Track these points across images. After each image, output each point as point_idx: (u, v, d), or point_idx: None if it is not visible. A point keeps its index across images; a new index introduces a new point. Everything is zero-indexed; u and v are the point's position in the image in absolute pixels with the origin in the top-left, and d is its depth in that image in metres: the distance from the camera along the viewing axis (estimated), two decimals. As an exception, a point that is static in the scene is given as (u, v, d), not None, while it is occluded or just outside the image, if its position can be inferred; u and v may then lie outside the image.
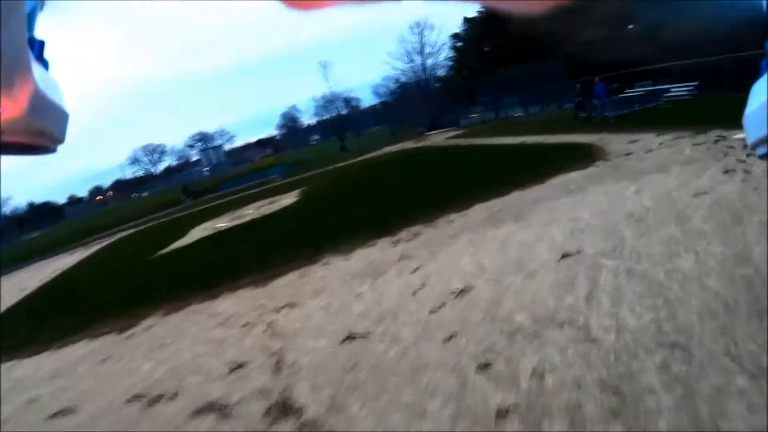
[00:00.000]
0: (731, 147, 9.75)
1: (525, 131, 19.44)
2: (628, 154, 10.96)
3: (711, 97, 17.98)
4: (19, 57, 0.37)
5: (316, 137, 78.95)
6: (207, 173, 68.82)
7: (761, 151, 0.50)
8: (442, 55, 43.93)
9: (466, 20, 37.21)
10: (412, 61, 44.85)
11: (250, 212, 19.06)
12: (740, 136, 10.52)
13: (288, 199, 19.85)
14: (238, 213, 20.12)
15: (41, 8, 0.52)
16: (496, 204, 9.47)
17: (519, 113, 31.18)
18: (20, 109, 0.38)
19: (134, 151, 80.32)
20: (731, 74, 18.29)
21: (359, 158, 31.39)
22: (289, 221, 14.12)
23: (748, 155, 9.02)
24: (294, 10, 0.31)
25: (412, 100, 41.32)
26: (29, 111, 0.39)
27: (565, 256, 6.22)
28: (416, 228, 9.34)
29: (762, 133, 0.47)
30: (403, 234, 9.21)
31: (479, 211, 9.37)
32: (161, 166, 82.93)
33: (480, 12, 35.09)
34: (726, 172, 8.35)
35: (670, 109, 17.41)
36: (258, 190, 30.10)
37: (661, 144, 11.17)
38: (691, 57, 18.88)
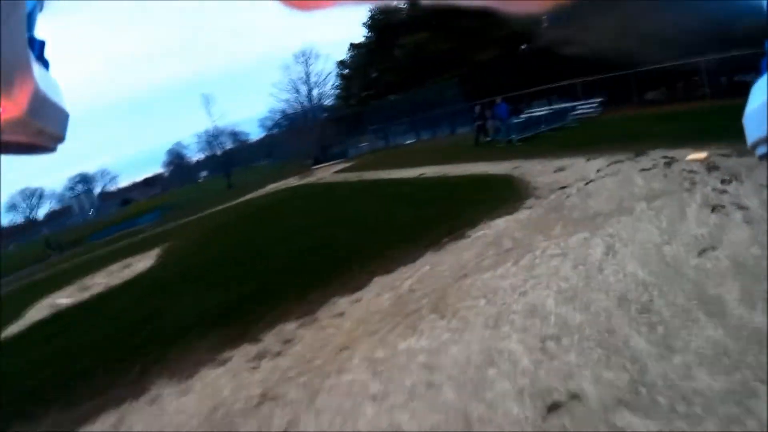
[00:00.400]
0: (692, 172, 7.48)
1: (421, 161, 16.74)
2: (563, 187, 8.40)
3: (618, 114, 16.64)
4: (19, 57, 0.37)
5: (204, 173, 74.16)
6: (85, 219, 61.07)
7: (761, 151, 0.48)
8: (328, 84, 41.42)
9: (353, 46, 34.91)
10: (297, 91, 41.89)
11: (100, 282, 14.23)
12: (695, 156, 8.48)
13: (145, 261, 15.37)
14: (88, 281, 15.12)
15: (41, 8, 0.51)
16: (403, 278, 6.28)
17: (410, 140, 28.99)
18: (20, 109, 0.38)
19: (11, 197, 69.47)
20: (634, 89, 17.15)
21: (238, 200, 27.37)
22: (130, 307, 9.85)
23: (724, 181, 6.75)
24: (294, 10, 0.32)
25: (299, 131, 38.48)
26: (29, 111, 0.39)
27: (552, 408, 3.14)
28: (288, 327, 5.87)
29: (762, 134, 0.45)
30: (270, 339, 5.71)
31: (380, 291, 6.15)
32: (41, 212, 72.69)
33: (367, 37, 32.89)
34: (714, 209, 5.89)
35: (580, 129, 15.72)
36: (125, 243, 25.05)
37: (599, 171, 8.78)
38: (597, 73, 17.57)
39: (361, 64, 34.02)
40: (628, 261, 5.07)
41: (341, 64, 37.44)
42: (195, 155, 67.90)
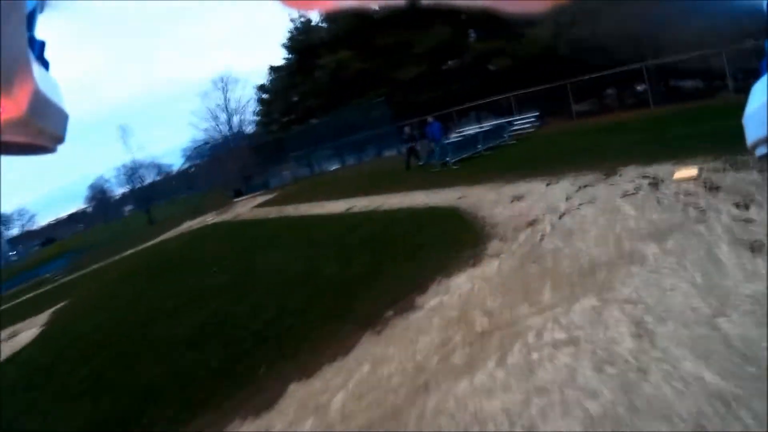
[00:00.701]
0: (690, 194, 5.94)
1: (348, 191, 14.67)
2: (531, 223, 6.59)
3: (556, 128, 15.48)
4: (20, 57, 0.37)
5: (129, 207, 70.44)
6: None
7: (761, 151, 0.48)
8: (248, 110, 38.83)
9: (272, 69, 32.55)
10: (216, 118, 39.03)
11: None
12: (684, 174, 6.99)
13: (29, 332, 12.22)
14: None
15: (41, 8, 0.50)
16: (331, 389, 4.12)
17: (334, 166, 26.96)
18: (20, 109, 0.37)
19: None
20: (569, 100, 16.08)
21: (149, 243, 24.35)
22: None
23: (739, 205, 5.21)
24: (293, 10, 0.32)
25: (220, 161, 35.64)
26: (29, 111, 0.39)
27: None
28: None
29: (762, 134, 0.45)
30: None
31: (297, 414, 3.96)
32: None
33: (287, 59, 30.74)
34: (753, 249, 4.26)
35: (519, 146, 14.30)
36: (25, 298, 21.87)
37: (569, 200, 7.07)
38: (528, 86, 16.40)
39: (282, 87, 31.66)
40: (678, 352, 3.21)
41: (261, 88, 34.78)
42: (117, 189, 63.88)
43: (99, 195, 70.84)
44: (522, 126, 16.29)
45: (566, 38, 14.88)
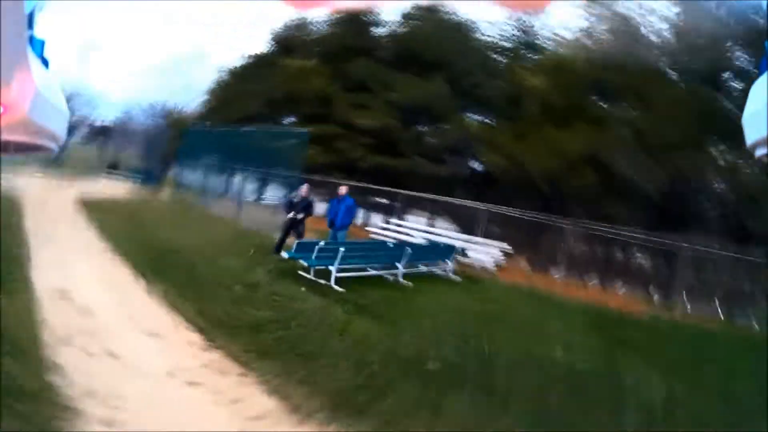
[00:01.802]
0: None
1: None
2: None
3: (521, 278, 9.74)
4: (20, 57, 0.37)
5: None
6: None
7: (761, 152, 0.48)
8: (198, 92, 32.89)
9: (248, 57, 26.66)
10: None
11: None
12: None
13: None
14: None
15: (41, 8, 0.50)
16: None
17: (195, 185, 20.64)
18: (20, 109, 0.38)
19: None
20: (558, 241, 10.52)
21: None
22: None
23: None
24: (294, 9, 0.31)
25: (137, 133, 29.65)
26: (29, 111, 0.40)
27: None
28: None
29: (762, 135, 0.46)
30: None
31: None
32: None
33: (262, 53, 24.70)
34: None
35: (461, 291, 8.39)
36: None
37: None
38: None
39: (241, 78, 25.65)
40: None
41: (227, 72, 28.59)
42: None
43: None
44: (479, 256, 10.48)
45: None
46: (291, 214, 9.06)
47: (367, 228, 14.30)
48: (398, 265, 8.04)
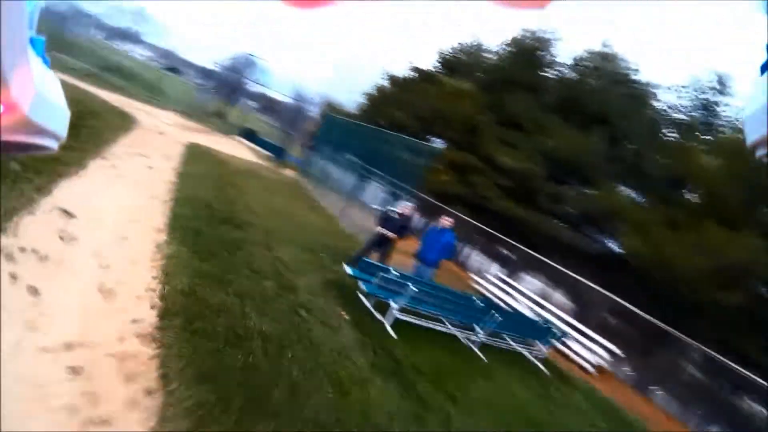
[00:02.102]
0: None
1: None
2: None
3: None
4: (20, 57, 0.37)
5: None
6: None
7: (761, 152, 0.47)
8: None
9: (414, 69, 27.46)
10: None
11: None
12: None
13: None
14: None
15: (41, 8, 0.51)
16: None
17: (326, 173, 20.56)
18: (20, 109, 0.38)
19: None
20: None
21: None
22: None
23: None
24: (293, 9, 0.32)
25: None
26: (29, 111, 0.39)
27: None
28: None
29: (762, 134, 0.45)
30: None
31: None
32: None
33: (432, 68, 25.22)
34: None
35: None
36: None
37: None
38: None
39: (402, 86, 26.31)
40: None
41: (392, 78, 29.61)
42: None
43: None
44: (581, 350, 9.07)
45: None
46: (382, 229, 7.97)
47: (469, 272, 13.34)
48: (479, 329, 7.06)
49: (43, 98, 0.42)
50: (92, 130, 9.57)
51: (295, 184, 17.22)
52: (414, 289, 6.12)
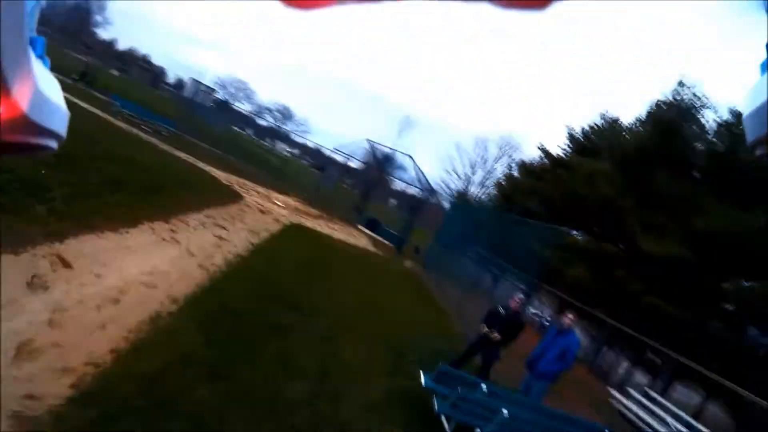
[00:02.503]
0: None
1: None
2: None
3: None
4: (20, 56, 0.37)
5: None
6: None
7: (761, 152, 0.46)
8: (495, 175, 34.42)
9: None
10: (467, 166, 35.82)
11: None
12: None
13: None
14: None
15: (41, 8, 0.52)
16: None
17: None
18: (20, 109, 0.38)
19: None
20: None
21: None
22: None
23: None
24: (293, 10, 0.31)
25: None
26: (29, 110, 0.39)
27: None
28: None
29: (761, 134, 0.44)
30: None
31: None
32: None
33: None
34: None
35: None
36: None
37: None
38: None
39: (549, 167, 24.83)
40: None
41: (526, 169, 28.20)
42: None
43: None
44: None
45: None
46: (486, 329, 6.61)
47: (606, 385, 11.51)
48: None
49: (43, 98, 0.43)
50: (166, 195, 9.27)
51: (410, 276, 16.02)
52: (506, 413, 4.38)
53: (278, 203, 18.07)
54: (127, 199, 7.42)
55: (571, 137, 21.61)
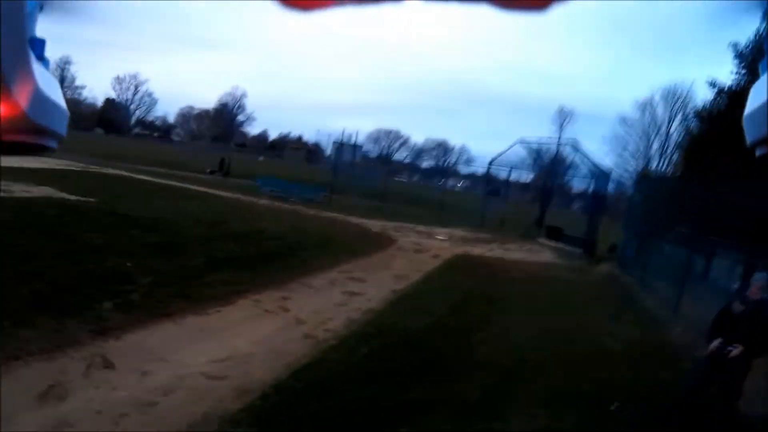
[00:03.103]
0: None
1: None
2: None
3: None
4: (20, 57, 0.38)
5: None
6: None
7: (760, 151, 0.50)
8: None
9: (713, 86, 22.32)
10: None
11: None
12: None
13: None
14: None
15: (41, 8, 0.53)
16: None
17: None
18: (20, 109, 0.38)
19: None
20: None
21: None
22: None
23: None
24: (293, 11, 0.32)
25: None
26: (30, 110, 0.40)
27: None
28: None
29: (761, 134, 0.47)
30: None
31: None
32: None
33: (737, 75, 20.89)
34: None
35: None
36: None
37: None
38: None
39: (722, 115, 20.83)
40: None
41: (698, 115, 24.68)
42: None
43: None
44: None
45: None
46: (717, 343, 4.26)
47: None
48: None
49: (43, 97, 0.43)
50: (288, 259, 8.47)
51: (604, 282, 12.90)
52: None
53: (439, 237, 17.09)
54: (232, 274, 6.80)
55: (739, 55, 16.56)
